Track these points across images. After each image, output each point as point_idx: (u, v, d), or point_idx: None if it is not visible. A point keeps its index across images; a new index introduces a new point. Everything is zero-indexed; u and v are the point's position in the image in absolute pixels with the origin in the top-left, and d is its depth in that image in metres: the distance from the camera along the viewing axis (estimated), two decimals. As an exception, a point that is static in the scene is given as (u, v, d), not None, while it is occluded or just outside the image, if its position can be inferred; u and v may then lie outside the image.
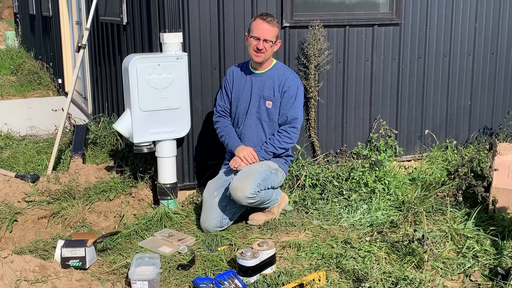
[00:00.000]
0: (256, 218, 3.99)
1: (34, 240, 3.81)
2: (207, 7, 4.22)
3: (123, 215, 4.12)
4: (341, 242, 3.67)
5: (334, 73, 4.76)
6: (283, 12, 4.46)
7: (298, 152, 4.64)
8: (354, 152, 4.89)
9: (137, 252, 3.53)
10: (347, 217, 4.06)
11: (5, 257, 3.16)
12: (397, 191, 4.43)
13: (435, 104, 5.23)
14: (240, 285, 3.08)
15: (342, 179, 4.50)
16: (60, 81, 8.96)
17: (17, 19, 15.45)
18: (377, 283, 3.05)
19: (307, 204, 4.27)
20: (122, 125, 4.07)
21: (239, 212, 3.96)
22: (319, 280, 3.11)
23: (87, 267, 3.33)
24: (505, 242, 3.62)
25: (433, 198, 4.28)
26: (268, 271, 3.27)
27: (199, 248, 3.65)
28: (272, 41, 3.89)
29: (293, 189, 4.44)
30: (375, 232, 3.76)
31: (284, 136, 3.97)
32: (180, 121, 4.15)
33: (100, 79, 6.21)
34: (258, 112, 4.02)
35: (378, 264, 3.32)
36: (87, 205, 4.16)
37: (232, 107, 4.10)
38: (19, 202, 4.17)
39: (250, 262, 3.17)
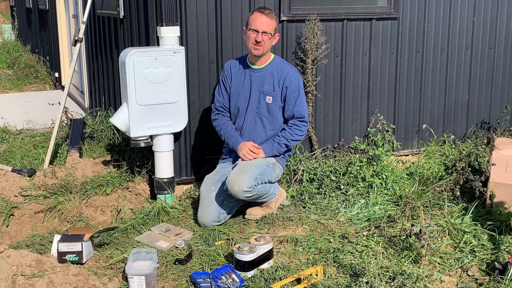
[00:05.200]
0: (254, 213, 3.99)
1: (31, 234, 3.80)
2: (204, 1, 4.20)
3: (120, 209, 4.11)
4: (339, 236, 3.67)
5: (331, 67, 4.75)
6: (280, 6, 4.44)
7: (296, 147, 4.63)
8: (352, 146, 4.89)
9: (134, 247, 3.52)
10: (345, 211, 4.06)
11: (1, 252, 3.15)
12: (395, 186, 4.43)
13: (432, 99, 5.23)
14: (237, 280, 3.07)
15: (340, 173, 4.49)
16: (56, 74, 8.93)
17: (14, 12, 15.37)
18: (375, 278, 3.04)
19: (305, 198, 4.27)
20: (119, 119, 4.06)
21: (236, 206, 3.96)
22: (317, 275, 3.11)
23: (84, 262, 3.33)
24: (502, 236, 3.62)
25: (431, 193, 4.27)
26: (265, 265, 3.27)
27: (196, 242, 3.64)
28: (270, 33, 3.88)
29: (291, 183, 4.44)
30: (373, 227, 3.76)
31: (295, 129, 3.99)
32: (177, 115, 4.13)
33: (97, 73, 6.19)
34: (258, 107, 4.00)
35: (375, 259, 3.31)
36: (83, 199, 4.15)
37: (231, 103, 4.09)
38: (16, 196, 4.16)
39: (247, 257, 3.16)
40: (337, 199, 4.27)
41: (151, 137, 4.14)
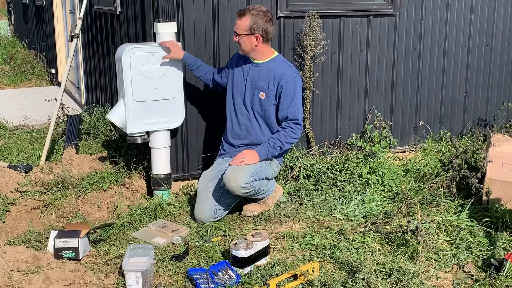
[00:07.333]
0: (251, 209, 3.99)
1: (27, 230, 3.80)
2: (201, -3, 4.19)
3: (117, 206, 4.10)
4: (335, 233, 3.67)
5: (329, 64, 4.75)
6: (278, 2, 4.43)
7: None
8: (349, 143, 4.89)
9: (131, 243, 3.52)
10: (341, 208, 4.07)
11: (-3, 248, 3.15)
12: (391, 182, 4.43)
13: (429, 95, 5.23)
14: (234, 276, 3.08)
15: (336, 170, 4.50)
16: (53, 70, 8.91)
17: (10, 8, 15.32)
18: (371, 274, 3.05)
19: (301, 195, 4.27)
20: (116, 116, 4.05)
21: (233, 203, 3.96)
22: (313, 271, 3.11)
23: (80, 258, 3.33)
24: (498, 233, 3.63)
25: (427, 190, 4.28)
26: (262, 262, 3.27)
27: (193, 239, 3.64)
28: (241, 34, 3.84)
29: (288, 180, 4.44)
30: (369, 223, 3.76)
31: (289, 131, 3.91)
32: (174, 112, 4.12)
33: (94, 69, 6.18)
34: (251, 102, 3.99)
35: (371, 255, 3.32)
36: (80, 195, 4.15)
37: (228, 95, 4.07)
38: (12, 192, 4.15)
39: (244, 253, 3.17)
40: (333, 196, 4.27)
41: (148, 133, 4.14)
